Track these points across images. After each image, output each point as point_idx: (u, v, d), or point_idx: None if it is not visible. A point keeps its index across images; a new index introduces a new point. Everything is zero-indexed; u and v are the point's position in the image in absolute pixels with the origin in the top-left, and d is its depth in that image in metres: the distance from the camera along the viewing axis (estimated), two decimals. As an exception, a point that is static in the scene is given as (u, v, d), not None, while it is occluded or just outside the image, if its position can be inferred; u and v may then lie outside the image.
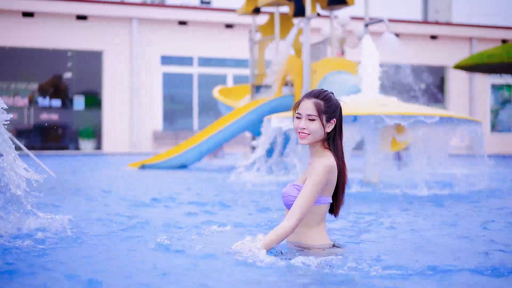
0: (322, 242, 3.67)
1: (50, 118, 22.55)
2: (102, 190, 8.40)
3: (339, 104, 3.67)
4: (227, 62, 24.49)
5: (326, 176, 3.55)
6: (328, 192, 3.63)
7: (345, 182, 3.69)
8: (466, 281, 3.15)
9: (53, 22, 22.18)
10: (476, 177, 8.59)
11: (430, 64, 26.04)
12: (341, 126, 3.67)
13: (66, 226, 4.47)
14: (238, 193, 8.11)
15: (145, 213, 5.90)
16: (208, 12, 23.98)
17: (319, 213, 3.64)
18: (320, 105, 3.63)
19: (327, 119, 3.62)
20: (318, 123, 3.61)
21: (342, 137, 3.66)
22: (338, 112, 3.65)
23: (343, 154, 3.67)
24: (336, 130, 3.65)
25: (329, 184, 3.62)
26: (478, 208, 6.48)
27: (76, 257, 3.65)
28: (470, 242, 4.30)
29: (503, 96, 27.76)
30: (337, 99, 3.68)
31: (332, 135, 3.64)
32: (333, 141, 3.65)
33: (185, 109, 24.36)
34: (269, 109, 13.02)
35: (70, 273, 3.21)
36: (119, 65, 22.89)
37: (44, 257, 3.62)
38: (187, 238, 4.26)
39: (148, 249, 3.91)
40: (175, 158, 13.59)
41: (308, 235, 3.66)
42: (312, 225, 3.65)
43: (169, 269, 3.33)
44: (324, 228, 3.70)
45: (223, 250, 3.69)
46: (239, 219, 5.49)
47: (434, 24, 27.09)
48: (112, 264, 3.49)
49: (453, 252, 3.86)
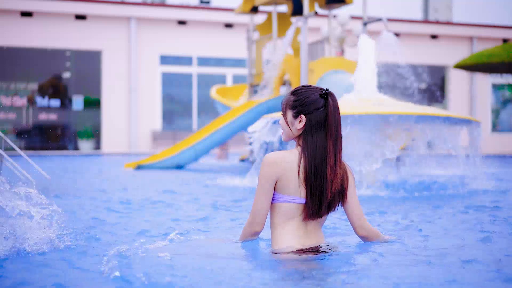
0: (285, 245, 3.41)
1: (49, 118, 22.48)
2: (91, 193, 8.30)
3: (313, 99, 3.41)
4: (226, 61, 24.41)
5: (266, 171, 3.37)
6: (287, 190, 3.39)
7: (330, 182, 3.39)
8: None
9: (52, 22, 22.11)
10: (472, 178, 8.48)
11: (430, 63, 25.93)
12: (319, 122, 3.39)
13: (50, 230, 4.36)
14: (228, 195, 8.01)
15: (128, 217, 5.80)
16: (207, 11, 23.90)
17: (280, 213, 3.42)
18: (289, 100, 3.48)
19: (295, 114, 3.44)
20: (284, 119, 3.50)
21: (330, 133, 3.39)
22: (311, 107, 3.40)
23: (329, 151, 3.39)
24: (312, 127, 3.40)
25: (283, 181, 3.38)
26: (476, 208, 6.37)
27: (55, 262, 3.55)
28: (465, 240, 4.18)
29: (504, 96, 27.65)
30: (313, 94, 3.43)
31: (307, 132, 3.41)
32: (305, 137, 3.42)
33: (184, 109, 24.27)
34: (266, 109, 12.92)
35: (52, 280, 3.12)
36: (118, 64, 22.81)
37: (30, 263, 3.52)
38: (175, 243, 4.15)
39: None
40: (171, 158, 13.48)
41: (273, 237, 3.47)
42: (276, 226, 3.46)
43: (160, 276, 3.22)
44: (296, 229, 3.43)
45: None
46: (226, 223, 5.39)
47: (435, 24, 26.99)
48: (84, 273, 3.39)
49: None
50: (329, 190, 3.40)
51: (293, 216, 3.43)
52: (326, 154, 3.40)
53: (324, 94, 3.45)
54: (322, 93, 3.45)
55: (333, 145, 3.42)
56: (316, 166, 3.38)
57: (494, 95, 27.54)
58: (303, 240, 3.45)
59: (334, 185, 3.41)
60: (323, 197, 3.40)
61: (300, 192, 3.40)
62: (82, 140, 22.66)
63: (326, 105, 3.42)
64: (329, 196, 3.41)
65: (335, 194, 3.44)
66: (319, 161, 3.39)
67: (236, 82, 23.91)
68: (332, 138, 3.41)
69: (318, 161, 3.39)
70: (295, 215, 3.43)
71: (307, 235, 3.47)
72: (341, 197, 3.49)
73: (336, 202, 3.48)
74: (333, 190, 3.42)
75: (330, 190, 3.41)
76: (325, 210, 3.45)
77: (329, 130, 3.41)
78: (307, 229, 3.47)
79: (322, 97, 3.44)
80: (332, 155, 3.41)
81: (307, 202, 3.39)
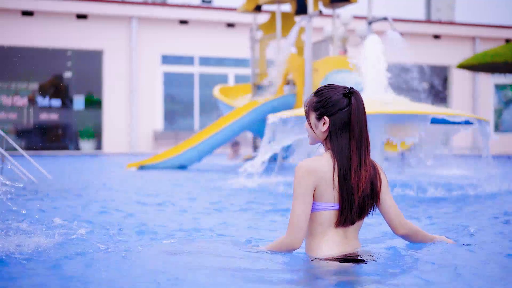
0: (326, 254, 3.26)
1: (50, 118, 22.37)
2: (95, 193, 8.20)
3: (336, 99, 3.25)
4: (228, 61, 24.30)
5: (302, 179, 3.19)
6: (323, 198, 3.23)
7: (356, 186, 3.22)
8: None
9: (53, 21, 22.00)
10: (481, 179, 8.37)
11: (433, 63, 25.83)
12: (344, 123, 3.24)
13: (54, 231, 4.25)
14: (235, 196, 7.91)
15: (135, 217, 5.70)
16: (209, 11, 23.79)
17: (320, 222, 3.26)
18: (311, 101, 3.34)
19: (318, 116, 3.30)
20: (308, 121, 3.36)
21: (354, 135, 3.23)
22: (334, 108, 3.24)
23: (352, 153, 3.23)
24: (336, 128, 3.25)
25: (321, 188, 3.22)
26: (482, 210, 6.27)
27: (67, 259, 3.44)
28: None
29: (507, 96, 27.54)
30: (336, 94, 3.25)
31: (333, 134, 3.26)
32: (331, 140, 3.27)
33: (185, 109, 24.16)
34: (270, 109, 12.82)
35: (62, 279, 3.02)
36: (119, 64, 22.70)
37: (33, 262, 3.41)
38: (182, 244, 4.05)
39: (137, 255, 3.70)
40: (174, 158, 13.36)
41: (312, 246, 3.31)
42: (315, 235, 3.29)
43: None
44: (334, 237, 3.28)
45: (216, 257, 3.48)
46: (236, 225, 5.29)
47: (437, 24, 26.89)
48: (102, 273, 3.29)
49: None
50: (355, 195, 3.24)
51: (333, 224, 3.28)
52: (350, 157, 3.25)
53: (348, 93, 3.27)
54: (346, 92, 3.27)
55: (357, 147, 3.25)
56: (344, 170, 3.23)
57: (497, 95, 27.44)
58: (342, 247, 3.30)
59: (359, 189, 3.24)
60: (352, 202, 3.24)
61: (335, 198, 3.25)
62: (83, 140, 22.56)
63: (350, 104, 3.25)
64: (356, 201, 3.24)
65: (364, 198, 3.27)
66: (346, 165, 3.23)
67: (238, 81, 23.81)
68: (355, 140, 3.25)
69: (345, 165, 3.23)
70: (330, 222, 3.28)
71: (347, 242, 3.32)
72: (373, 200, 3.33)
73: (368, 207, 3.31)
74: (359, 194, 3.25)
75: (357, 194, 3.24)
76: (356, 216, 3.28)
77: (352, 131, 3.25)
78: (346, 235, 3.31)
79: (345, 97, 3.26)
80: (356, 157, 3.25)
81: (342, 208, 3.24)
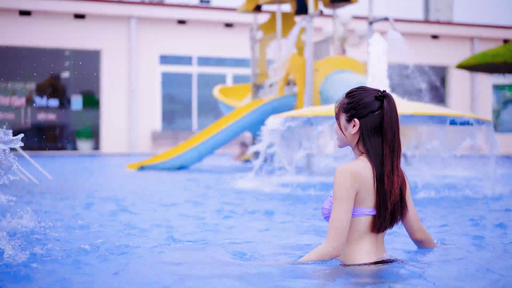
0: (363, 261, 3.18)
1: (47, 118, 22.28)
2: (98, 195, 8.14)
3: (368, 101, 3.17)
4: (226, 61, 24.23)
5: (346, 183, 3.09)
6: (363, 203, 3.14)
7: (389, 192, 3.14)
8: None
9: (51, 21, 21.91)
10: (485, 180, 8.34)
11: (431, 63, 25.80)
12: (375, 126, 3.16)
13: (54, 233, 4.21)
14: (237, 198, 7.86)
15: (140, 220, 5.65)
16: (207, 11, 23.73)
17: (357, 228, 3.17)
18: (342, 103, 3.26)
19: (348, 118, 3.22)
20: (337, 123, 3.29)
21: (386, 138, 3.15)
22: (365, 111, 3.17)
23: (385, 157, 3.15)
24: (368, 132, 3.17)
25: (362, 192, 3.13)
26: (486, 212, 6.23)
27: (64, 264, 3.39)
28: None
29: (505, 96, 27.54)
30: (367, 96, 3.18)
31: (365, 137, 3.18)
32: (364, 143, 3.19)
33: (184, 109, 24.09)
34: (270, 109, 12.77)
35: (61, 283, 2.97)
36: (117, 64, 22.62)
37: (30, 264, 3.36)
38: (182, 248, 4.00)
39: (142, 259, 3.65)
40: (174, 159, 13.29)
41: (347, 253, 3.21)
42: (351, 241, 3.19)
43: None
44: (370, 243, 3.19)
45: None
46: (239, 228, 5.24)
47: (436, 24, 26.87)
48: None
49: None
50: (388, 202, 3.17)
51: (368, 230, 3.20)
52: (383, 161, 3.17)
53: (380, 96, 3.20)
54: (378, 95, 3.20)
55: (390, 151, 3.18)
56: (379, 175, 3.16)
57: (495, 96, 27.43)
58: (377, 253, 3.23)
59: (392, 196, 3.17)
60: (386, 208, 3.17)
61: (373, 203, 3.18)
62: (81, 140, 22.48)
63: (382, 107, 3.18)
64: (388, 207, 3.17)
65: (395, 205, 3.20)
66: (380, 170, 3.16)
67: (236, 82, 23.74)
68: (388, 144, 3.17)
69: (379, 170, 3.16)
70: (366, 228, 3.20)
71: (378, 248, 3.25)
72: (402, 207, 3.25)
73: (398, 214, 3.23)
74: (392, 201, 3.17)
75: (389, 201, 3.17)
76: (388, 223, 3.21)
77: (385, 135, 3.17)
78: (377, 241, 3.24)
79: (377, 100, 3.19)
80: (388, 162, 3.17)
81: (378, 213, 3.17)
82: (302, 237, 4.50)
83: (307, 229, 4.97)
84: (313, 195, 7.76)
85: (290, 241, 4.28)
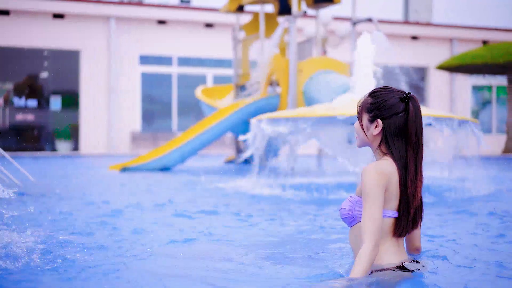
0: (386, 263, 3.09)
1: (26, 118, 22.03)
2: (83, 197, 8.02)
3: (392, 102, 3.11)
4: (206, 62, 24.13)
5: (377, 182, 2.99)
6: (387, 204, 3.06)
7: (412, 197, 3.09)
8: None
9: (29, 21, 21.66)
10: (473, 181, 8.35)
11: (411, 64, 25.91)
12: (399, 128, 3.09)
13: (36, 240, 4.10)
14: (223, 198, 7.79)
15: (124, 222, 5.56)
16: (187, 11, 23.62)
17: (382, 229, 3.08)
18: (365, 102, 3.19)
19: (371, 118, 3.16)
20: (359, 122, 3.22)
21: (410, 141, 3.08)
22: (389, 112, 3.10)
23: (409, 161, 3.09)
24: (391, 133, 3.11)
25: (388, 193, 3.04)
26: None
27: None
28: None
29: (484, 97, 27.76)
30: (392, 97, 3.12)
31: (389, 138, 3.12)
32: (388, 145, 3.13)
33: (164, 110, 23.93)
34: (254, 110, 12.71)
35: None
36: (96, 64, 22.43)
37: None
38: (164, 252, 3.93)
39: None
40: (157, 160, 13.17)
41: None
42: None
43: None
44: (392, 246, 3.11)
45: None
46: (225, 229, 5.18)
47: (415, 25, 27.00)
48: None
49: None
50: (411, 207, 3.11)
51: (391, 233, 3.14)
52: (407, 165, 3.10)
53: (406, 98, 3.13)
54: (403, 97, 3.13)
55: (414, 155, 3.11)
56: (403, 178, 3.09)
57: (474, 97, 27.64)
58: (400, 256, 3.16)
59: (415, 200, 3.11)
60: (408, 213, 3.11)
61: (396, 206, 3.11)
62: (59, 141, 22.25)
63: (407, 110, 3.11)
64: (411, 212, 3.11)
65: (416, 209, 3.14)
66: (403, 173, 3.09)
67: (216, 82, 23.65)
68: (412, 147, 3.11)
69: (402, 173, 3.09)
70: (390, 229, 3.13)
71: (401, 251, 3.18)
72: (421, 212, 3.20)
73: (418, 219, 3.18)
74: (414, 205, 3.11)
75: (412, 205, 3.11)
76: (410, 227, 3.15)
77: (409, 138, 3.10)
78: (399, 244, 3.17)
79: (402, 101, 3.12)
80: (412, 165, 3.10)
81: (400, 217, 3.10)
82: (296, 237, 4.44)
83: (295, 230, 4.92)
84: (314, 195, 7.68)
85: (284, 243, 4.23)
